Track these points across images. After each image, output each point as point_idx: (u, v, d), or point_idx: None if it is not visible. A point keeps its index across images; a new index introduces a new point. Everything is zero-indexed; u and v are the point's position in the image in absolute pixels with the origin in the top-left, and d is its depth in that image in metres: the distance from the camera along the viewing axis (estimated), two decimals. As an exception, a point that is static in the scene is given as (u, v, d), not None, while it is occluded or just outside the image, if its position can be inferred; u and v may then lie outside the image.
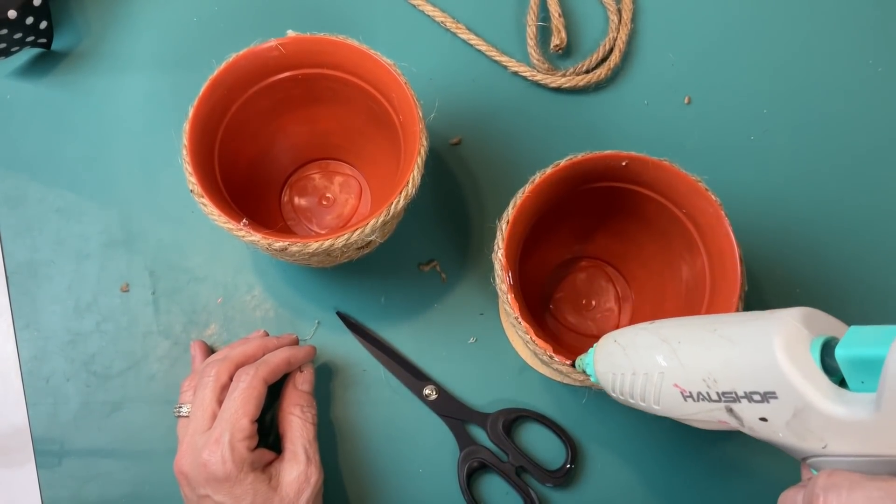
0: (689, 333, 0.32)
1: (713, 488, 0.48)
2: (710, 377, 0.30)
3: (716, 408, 0.31)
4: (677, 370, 0.31)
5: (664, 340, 0.32)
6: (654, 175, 0.43)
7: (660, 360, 0.32)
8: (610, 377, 0.35)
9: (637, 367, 0.33)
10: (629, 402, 0.35)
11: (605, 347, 0.36)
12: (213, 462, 0.38)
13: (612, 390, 0.35)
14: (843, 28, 0.59)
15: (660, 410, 0.33)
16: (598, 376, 0.36)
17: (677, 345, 0.32)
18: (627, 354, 0.34)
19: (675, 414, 0.33)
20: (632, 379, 0.34)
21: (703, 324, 0.32)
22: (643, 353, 0.33)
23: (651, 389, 0.33)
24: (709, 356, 0.30)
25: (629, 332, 0.35)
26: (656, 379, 0.32)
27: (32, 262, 0.51)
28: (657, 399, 0.33)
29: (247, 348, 0.43)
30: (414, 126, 0.41)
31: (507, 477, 0.47)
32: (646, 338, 0.33)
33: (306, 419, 0.43)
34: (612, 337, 0.36)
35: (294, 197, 0.52)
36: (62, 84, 0.55)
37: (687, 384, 0.31)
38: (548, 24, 0.57)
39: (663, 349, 0.32)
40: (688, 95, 0.57)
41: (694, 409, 0.32)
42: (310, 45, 0.44)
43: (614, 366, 0.35)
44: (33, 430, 0.49)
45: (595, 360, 0.36)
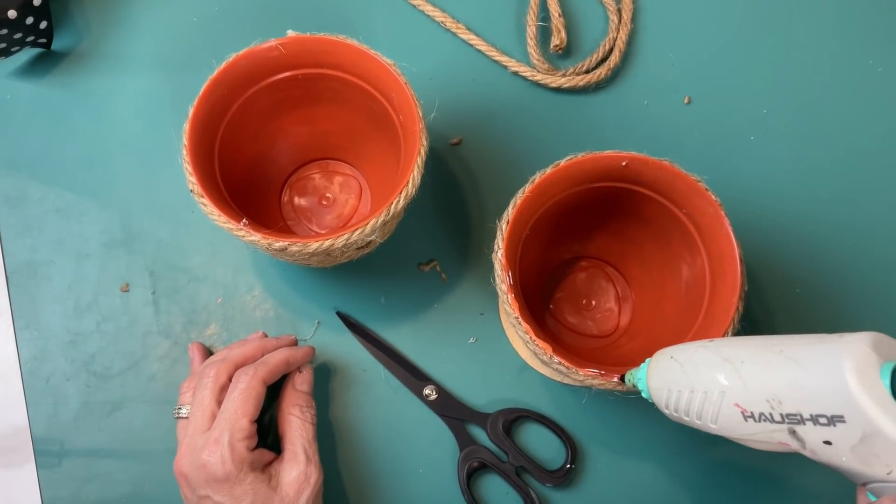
0: (752, 354, 0.32)
1: (713, 488, 0.48)
2: (775, 398, 0.30)
3: (778, 429, 0.31)
4: (739, 390, 0.31)
5: (726, 360, 0.32)
6: (654, 175, 0.43)
7: (721, 378, 0.32)
8: (664, 393, 0.35)
9: (695, 385, 0.33)
10: (683, 419, 0.34)
11: (660, 363, 0.35)
12: (212, 462, 0.38)
13: (665, 407, 0.35)
14: (843, 28, 0.59)
15: (716, 429, 0.33)
16: (651, 392, 0.36)
17: (740, 364, 0.31)
18: (686, 371, 0.34)
19: (733, 434, 0.32)
20: (689, 396, 0.33)
21: (768, 344, 0.32)
22: (703, 371, 0.33)
23: (709, 408, 0.32)
24: (774, 377, 0.30)
25: (688, 350, 0.34)
26: (716, 398, 0.32)
27: (32, 262, 0.51)
28: (715, 418, 0.32)
29: (246, 349, 0.43)
30: (414, 126, 0.41)
31: (507, 477, 0.47)
32: (706, 356, 0.33)
33: (305, 419, 0.43)
34: (669, 353, 0.35)
35: (294, 197, 0.52)
36: (62, 84, 0.55)
37: (749, 404, 0.31)
38: (548, 24, 0.57)
39: (725, 368, 0.32)
40: (688, 95, 0.57)
41: (754, 430, 0.31)
42: (310, 45, 0.44)
43: (670, 382, 0.34)
44: (33, 430, 0.49)
45: (649, 376, 0.36)
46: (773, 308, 0.52)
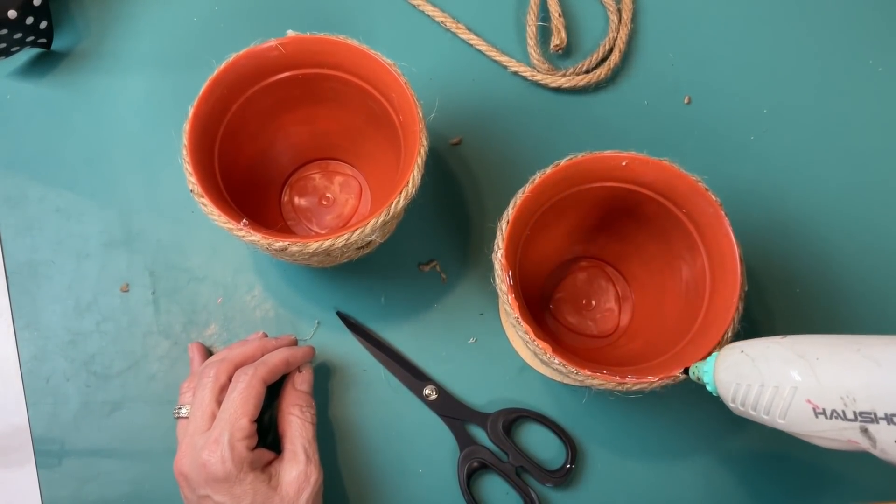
0: (828, 351, 0.32)
1: (713, 488, 0.48)
2: (849, 396, 0.30)
3: (849, 427, 0.31)
4: (813, 386, 0.31)
5: (800, 356, 0.32)
6: (654, 175, 0.43)
7: (794, 374, 0.32)
8: (732, 387, 0.35)
9: (766, 380, 0.33)
10: (749, 413, 0.34)
11: (729, 357, 0.35)
12: (212, 462, 0.38)
13: (732, 401, 0.35)
14: (843, 28, 0.59)
15: (783, 425, 0.33)
16: (717, 385, 0.36)
17: (815, 361, 0.32)
18: (757, 366, 0.34)
19: (801, 430, 0.33)
20: (759, 391, 0.33)
21: (844, 342, 0.32)
22: (776, 367, 0.33)
23: (779, 403, 0.33)
24: (850, 375, 0.30)
25: (759, 345, 0.34)
26: (787, 393, 0.32)
27: (32, 262, 0.51)
28: (784, 413, 0.33)
29: (245, 349, 0.43)
30: (414, 126, 0.41)
31: (507, 477, 0.47)
32: (779, 351, 0.33)
33: (305, 419, 0.43)
34: (739, 347, 0.35)
35: (294, 197, 0.52)
36: (62, 84, 0.55)
37: (821, 401, 0.31)
38: (548, 24, 0.57)
39: (799, 364, 0.32)
40: (688, 95, 0.57)
41: (824, 427, 0.32)
42: (310, 45, 0.44)
43: (739, 376, 0.34)
44: (33, 430, 0.49)
45: (716, 369, 0.36)
46: (773, 308, 0.52)
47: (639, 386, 0.38)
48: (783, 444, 0.49)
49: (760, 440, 0.49)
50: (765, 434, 0.49)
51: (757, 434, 0.49)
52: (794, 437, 0.50)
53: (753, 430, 0.49)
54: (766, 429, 0.49)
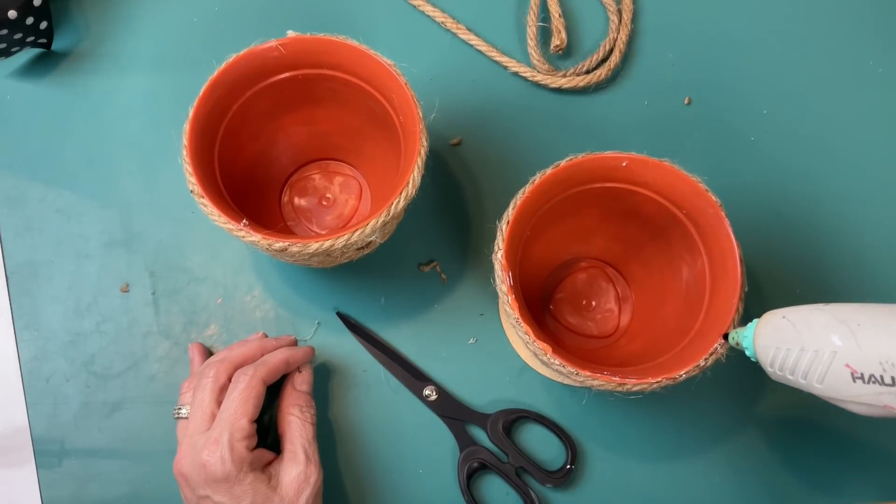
0: (870, 317, 0.32)
1: (713, 488, 0.48)
2: (888, 361, 0.31)
3: (886, 392, 0.32)
4: (853, 351, 0.32)
5: (842, 322, 0.33)
6: (654, 175, 0.43)
7: (835, 339, 0.33)
8: (772, 351, 0.35)
9: (807, 344, 0.34)
10: (787, 377, 0.35)
11: (771, 322, 0.36)
12: (212, 462, 0.38)
13: (770, 365, 0.36)
14: (843, 28, 0.59)
15: (820, 389, 0.34)
16: (757, 349, 0.37)
17: (856, 326, 0.32)
18: (798, 331, 0.34)
19: (838, 394, 0.33)
20: (798, 355, 0.34)
21: (888, 311, 0.32)
22: (817, 331, 0.33)
23: (817, 367, 0.33)
24: (890, 340, 0.31)
25: (802, 311, 0.35)
26: (826, 357, 0.33)
27: (32, 262, 0.51)
28: (822, 378, 0.33)
29: (245, 350, 0.43)
30: (414, 126, 0.41)
31: (507, 477, 0.47)
32: (821, 317, 0.34)
33: (305, 419, 0.43)
34: (780, 313, 0.36)
35: (294, 197, 0.52)
36: (62, 84, 0.55)
37: (860, 366, 0.32)
38: (548, 25, 0.57)
39: (840, 329, 0.33)
40: (688, 95, 0.57)
41: (861, 392, 0.32)
42: (310, 45, 0.43)
43: (780, 340, 0.35)
44: (33, 430, 0.49)
45: (757, 334, 0.37)
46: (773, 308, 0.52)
47: (639, 387, 0.38)
48: (783, 445, 0.49)
49: (761, 440, 0.49)
50: (765, 434, 0.49)
51: (757, 434, 0.49)
52: (795, 436, 0.50)
53: (754, 431, 0.49)
54: (766, 429, 0.50)
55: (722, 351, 0.39)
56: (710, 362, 0.39)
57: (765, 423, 0.50)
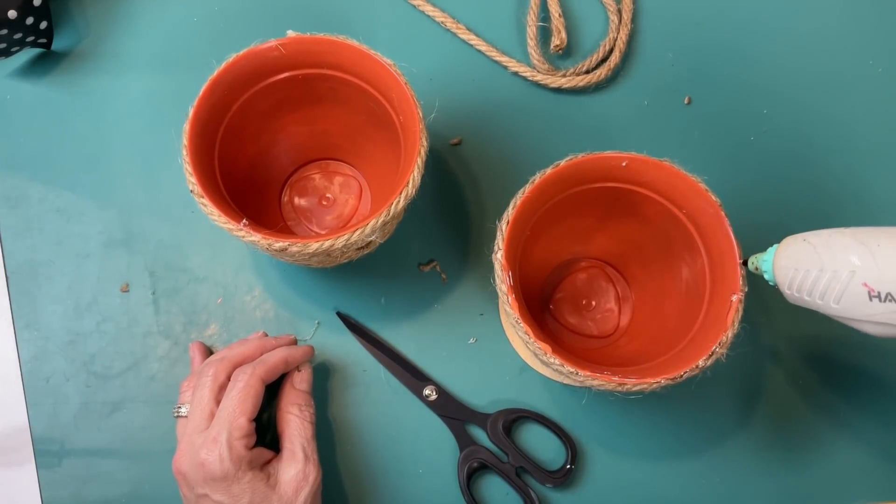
0: (890, 238, 0.33)
1: (712, 488, 0.48)
2: None
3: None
4: (871, 270, 0.33)
5: (861, 243, 0.34)
6: (654, 175, 0.43)
7: (854, 259, 0.33)
8: (791, 273, 0.36)
9: (826, 265, 0.34)
10: (804, 299, 0.36)
11: (791, 245, 0.37)
12: (210, 461, 0.38)
13: (788, 287, 0.37)
14: (843, 28, 0.59)
15: (836, 309, 0.35)
16: (776, 272, 0.37)
17: (876, 247, 0.33)
18: (818, 252, 0.35)
19: (854, 314, 0.34)
20: (816, 276, 0.35)
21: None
22: (836, 253, 0.34)
23: (835, 287, 0.34)
24: None
25: (823, 234, 0.36)
26: (844, 277, 0.34)
27: (32, 262, 0.51)
28: (839, 298, 0.34)
29: (245, 349, 0.44)
30: (414, 126, 0.41)
31: (507, 477, 0.47)
32: (841, 239, 0.35)
33: (304, 418, 0.43)
34: (801, 237, 0.37)
35: (294, 197, 0.52)
36: (62, 84, 0.55)
37: (878, 284, 0.33)
38: (548, 25, 0.57)
39: (860, 250, 0.33)
40: (688, 95, 0.57)
41: (877, 310, 0.33)
42: (310, 45, 0.43)
43: (799, 262, 0.36)
44: (33, 430, 0.49)
45: (777, 257, 0.37)
46: (774, 308, 0.52)
47: (639, 386, 0.38)
48: (783, 445, 0.49)
49: (760, 440, 0.49)
50: (765, 434, 0.49)
51: (757, 434, 0.49)
52: (794, 437, 0.50)
53: (754, 430, 0.49)
54: (766, 429, 0.50)
55: (721, 351, 0.39)
56: (710, 362, 0.39)
57: (765, 423, 0.50)
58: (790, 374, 0.51)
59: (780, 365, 0.51)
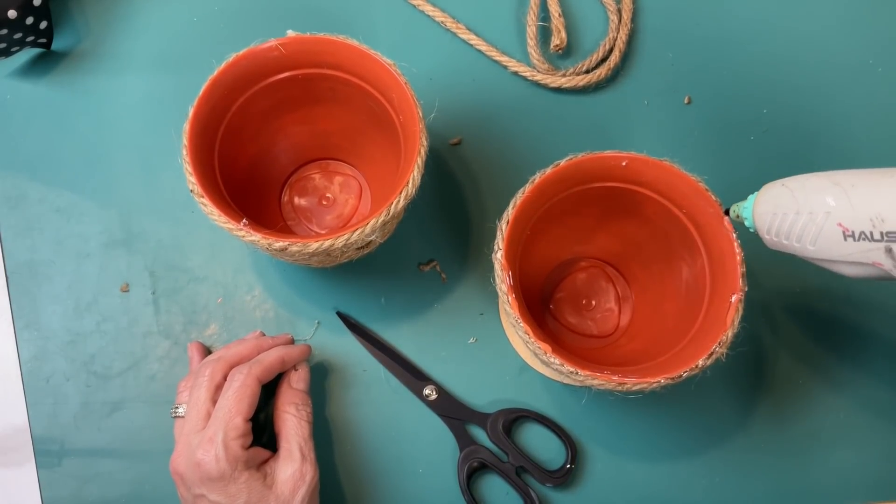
0: (863, 178, 0.34)
1: (712, 488, 0.48)
2: (878, 217, 0.32)
3: (875, 248, 0.33)
4: (845, 210, 0.33)
5: (836, 184, 0.34)
6: (654, 175, 0.43)
7: (829, 200, 0.34)
8: (769, 217, 0.37)
9: (802, 208, 0.35)
10: (783, 243, 0.37)
11: (770, 190, 0.37)
12: (206, 461, 0.38)
13: (767, 232, 0.37)
14: (843, 28, 0.59)
15: (813, 251, 0.35)
16: (755, 218, 0.38)
17: (850, 188, 0.33)
18: (795, 196, 0.35)
19: (829, 254, 0.35)
20: (793, 219, 0.35)
21: (880, 171, 0.33)
22: (812, 195, 0.35)
23: (811, 229, 0.35)
24: (881, 198, 0.32)
25: (800, 178, 0.36)
26: (820, 219, 0.34)
27: (32, 262, 0.51)
28: (814, 239, 0.35)
29: (241, 348, 0.44)
30: (414, 126, 0.41)
31: (507, 477, 0.47)
32: (817, 182, 0.35)
33: (301, 417, 0.43)
34: (780, 182, 0.37)
35: (294, 197, 0.52)
36: (62, 84, 0.55)
37: (852, 224, 0.33)
38: (548, 24, 0.57)
39: (834, 191, 0.34)
40: (688, 95, 0.57)
41: (851, 250, 0.34)
42: (310, 45, 0.44)
43: (777, 206, 0.36)
44: (33, 430, 0.49)
45: (756, 202, 0.38)
46: (774, 308, 0.52)
47: (639, 386, 0.38)
48: (783, 445, 0.49)
49: (760, 440, 0.49)
50: (765, 434, 0.49)
51: (757, 434, 0.49)
52: (794, 437, 0.50)
53: (754, 430, 0.49)
54: (765, 429, 0.50)
55: (721, 351, 0.39)
56: (710, 362, 0.39)
57: (764, 422, 0.50)
58: (790, 375, 0.51)
59: (780, 365, 0.51)
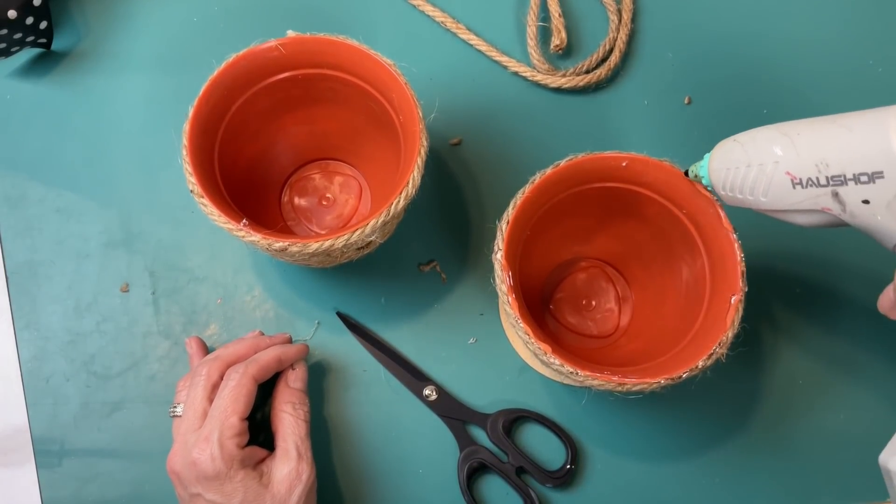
0: (809, 126, 0.34)
1: (712, 488, 0.48)
2: (823, 162, 0.33)
3: (822, 193, 0.33)
4: (792, 159, 0.34)
5: (784, 133, 0.34)
6: (654, 175, 0.43)
7: (777, 150, 0.34)
8: (723, 173, 0.37)
9: (752, 160, 0.35)
10: (737, 197, 0.37)
11: (723, 146, 0.38)
12: (202, 460, 0.38)
13: (723, 188, 0.38)
14: (844, 28, 0.59)
15: (765, 203, 0.36)
16: (711, 175, 0.38)
17: (796, 136, 0.34)
18: (746, 150, 0.36)
19: (781, 203, 0.35)
20: (745, 171, 0.36)
21: (826, 118, 0.34)
22: (761, 146, 0.35)
23: (762, 180, 0.35)
24: (825, 143, 0.33)
25: (750, 131, 0.37)
26: (770, 169, 0.35)
27: (32, 262, 0.51)
28: (766, 190, 0.35)
29: (238, 348, 0.44)
30: (414, 126, 0.41)
31: (507, 477, 0.47)
32: (766, 133, 0.35)
33: (298, 416, 0.43)
34: (732, 138, 0.37)
35: (294, 197, 0.52)
36: (62, 84, 0.55)
37: (799, 171, 0.34)
38: (548, 24, 0.57)
39: (782, 141, 0.34)
40: (688, 95, 0.57)
41: (801, 197, 0.34)
42: (310, 45, 0.44)
43: (729, 161, 0.37)
44: (33, 430, 0.49)
45: (711, 159, 0.38)
46: (774, 308, 0.52)
47: (639, 386, 0.38)
48: (783, 445, 0.49)
49: (760, 440, 0.49)
50: (765, 434, 0.49)
51: (757, 434, 0.49)
52: (794, 437, 0.50)
53: (754, 431, 0.49)
54: (766, 429, 0.49)
55: (721, 351, 0.39)
56: (710, 362, 0.39)
57: (765, 423, 0.50)
58: (790, 374, 0.51)
59: (780, 365, 0.51)
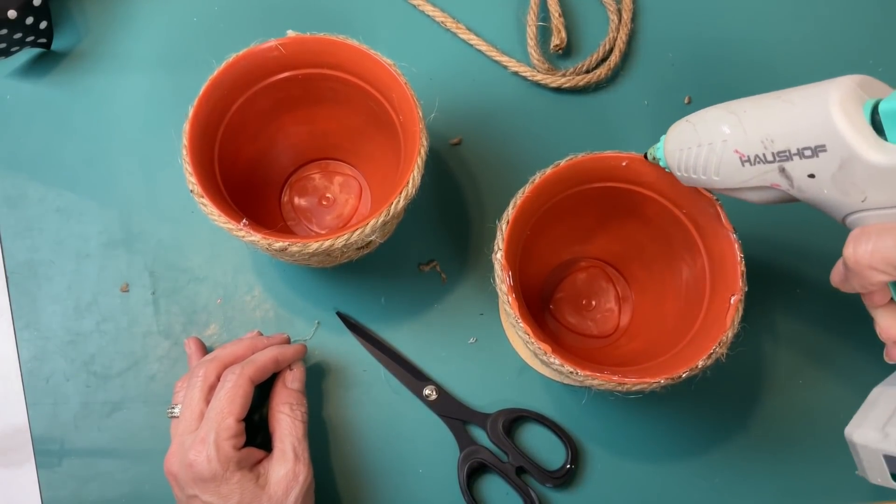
0: (755, 103, 0.34)
1: (712, 489, 0.48)
2: (768, 138, 0.33)
3: (770, 169, 0.34)
4: (739, 136, 0.34)
5: (731, 112, 0.35)
6: (655, 175, 0.43)
7: (725, 129, 0.35)
8: (677, 154, 0.38)
9: (703, 139, 0.36)
10: (692, 177, 0.37)
11: (676, 128, 0.38)
12: (198, 462, 0.38)
13: (678, 168, 0.38)
14: (844, 28, 0.59)
15: (718, 181, 0.36)
16: (666, 156, 0.39)
17: (743, 113, 0.34)
18: (696, 130, 0.36)
19: (732, 182, 0.35)
20: (696, 151, 0.36)
21: (772, 94, 0.34)
22: (711, 125, 0.36)
23: (713, 159, 0.35)
24: (769, 119, 0.33)
25: (701, 112, 0.37)
26: (719, 148, 0.35)
27: (32, 262, 0.51)
28: (717, 169, 0.35)
29: (236, 348, 0.44)
30: (414, 126, 0.41)
31: (507, 477, 0.47)
32: (715, 112, 0.36)
33: (295, 417, 0.43)
34: (685, 119, 0.38)
35: (294, 197, 0.52)
36: (62, 84, 0.55)
37: (746, 148, 0.34)
38: (548, 24, 0.57)
39: (729, 119, 0.35)
40: (688, 95, 0.57)
41: (750, 174, 0.34)
42: (310, 45, 0.44)
43: (682, 142, 0.37)
44: (33, 430, 0.49)
45: (666, 141, 0.39)
46: (774, 308, 0.52)
47: (639, 386, 0.38)
48: (783, 445, 0.49)
49: (760, 440, 0.49)
50: (764, 434, 0.49)
51: (757, 434, 0.49)
52: (795, 436, 0.50)
53: (753, 431, 0.49)
54: (765, 429, 0.49)
55: (721, 351, 0.39)
56: (710, 362, 0.39)
57: (764, 422, 0.50)
58: (790, 374, 0.51)
59: (780, 365, 0.51)
